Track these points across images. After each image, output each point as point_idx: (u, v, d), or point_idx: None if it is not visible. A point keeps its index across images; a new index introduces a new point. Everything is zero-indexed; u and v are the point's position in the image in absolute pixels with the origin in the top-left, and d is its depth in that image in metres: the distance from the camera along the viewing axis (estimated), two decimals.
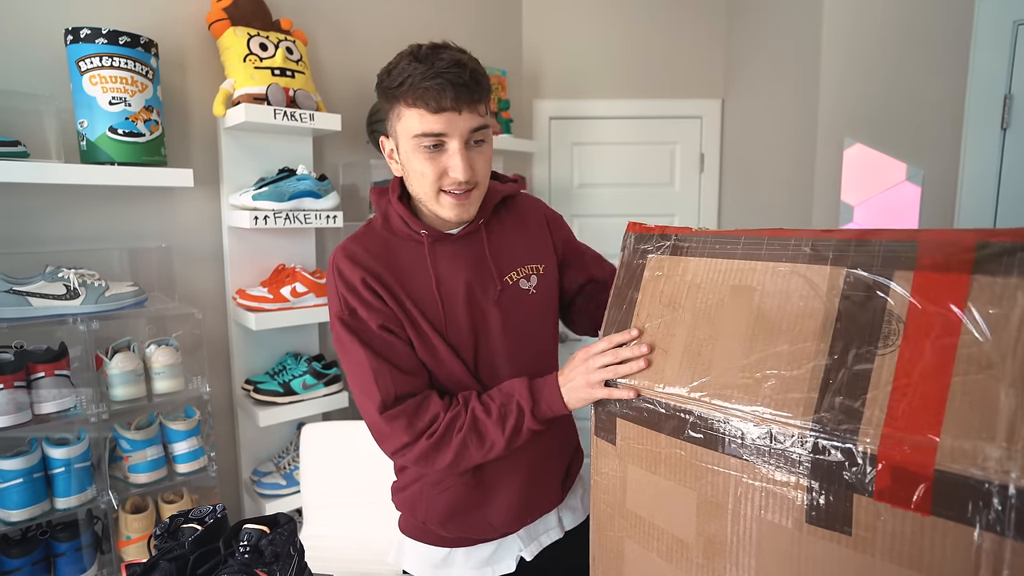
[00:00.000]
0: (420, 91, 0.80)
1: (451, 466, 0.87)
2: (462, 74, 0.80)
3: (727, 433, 0.65)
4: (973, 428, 0.49)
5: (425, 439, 0.85)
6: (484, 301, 0.92)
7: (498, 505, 0.95)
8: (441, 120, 0.81)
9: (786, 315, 0.63)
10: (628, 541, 0.79)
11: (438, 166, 0.84)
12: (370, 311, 0.87)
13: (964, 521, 0.48)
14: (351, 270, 0.88)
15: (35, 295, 1.26)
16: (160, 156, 1.49)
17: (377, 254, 0.90)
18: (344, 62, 1.97)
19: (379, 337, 0.87)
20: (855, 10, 1.76)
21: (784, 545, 0.61)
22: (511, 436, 0.85)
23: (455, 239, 0.93)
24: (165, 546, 0.74)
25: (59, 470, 1.28)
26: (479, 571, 0.98)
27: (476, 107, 0.83)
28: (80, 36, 1.35)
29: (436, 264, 0.91)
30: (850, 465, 0.55)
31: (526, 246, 0.98)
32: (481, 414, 0.86)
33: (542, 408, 0.85)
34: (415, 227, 0.90)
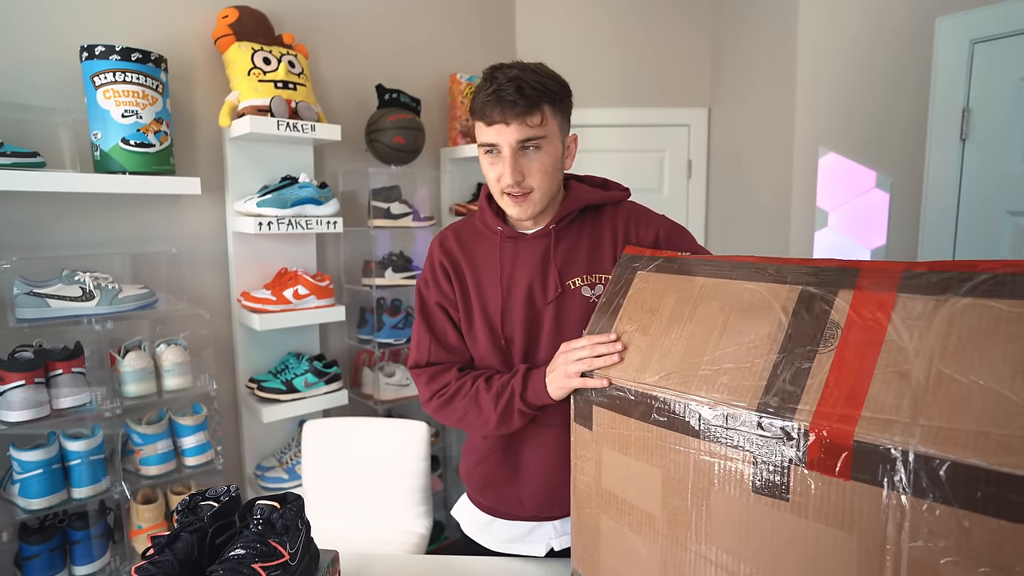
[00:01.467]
0: (480, 107, 0.92)
1: (458, 424, 1.01)
2: (510, 90, 0.89)
3: (687, 416, 0.74)
4: (885, 407, 0.58)
5: (437, 398, 1.01)
6: (541, 300, 0.99)
7: (526, 486, 1.04)
8: (492, 131, 0.92)
9: (747, 322, 0.72)
10: (603, 517, 0.87)
11: (496, 171, 0.95)
12: (436, 288, 1.04)
13: (876, 483, 0.57)
14: (437, 252, 1.05)
15: (53, 297, 1.34)
16: (169, 165, 1.57)
17: (463, 240, 1.05)
18: (343, 74, 2.06)
19: (432, 311, 1.04)
20: (827, 28, 1.86)
21: (735, 513, 0.70)
22: (503, 414, 0.95)
23: (527, 239, 1.01)
24: (186, 520, 0.82)
25: (76, 462, 1.36)
26: (512, 545, 1.08)
27: (525, 119, 0.90)
28: (95, 53, 1.44)
29: (504, 258, 1.01)
30: (788, 440, 0.64)
31: (598, 256, 1.00)
32: (483, 390, 0.97)
33: (529, 395, 0.94)
34: (493, 224, 1.02)
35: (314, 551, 0.90)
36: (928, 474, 0.54)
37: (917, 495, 0.54)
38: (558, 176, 0.98)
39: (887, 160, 1.76)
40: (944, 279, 0.61)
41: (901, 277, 0.64)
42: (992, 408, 0.51)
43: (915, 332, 0.59)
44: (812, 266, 0.72)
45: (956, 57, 1.56)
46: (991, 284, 0.57)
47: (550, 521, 1.07)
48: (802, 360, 0.66)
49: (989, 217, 1.59)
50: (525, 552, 1.08)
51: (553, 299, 0.98)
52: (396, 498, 1.68)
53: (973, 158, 1.57)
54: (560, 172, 0.99)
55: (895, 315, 0.62)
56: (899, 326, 0.61)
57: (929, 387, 0.55)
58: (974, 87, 1.54)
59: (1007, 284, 0.56)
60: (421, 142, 2.04)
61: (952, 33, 1.56)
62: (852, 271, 0.68)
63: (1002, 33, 1.49)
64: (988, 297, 0.56)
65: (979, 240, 1.61)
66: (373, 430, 1.72)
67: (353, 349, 2.15)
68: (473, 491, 1.12)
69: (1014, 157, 1.51)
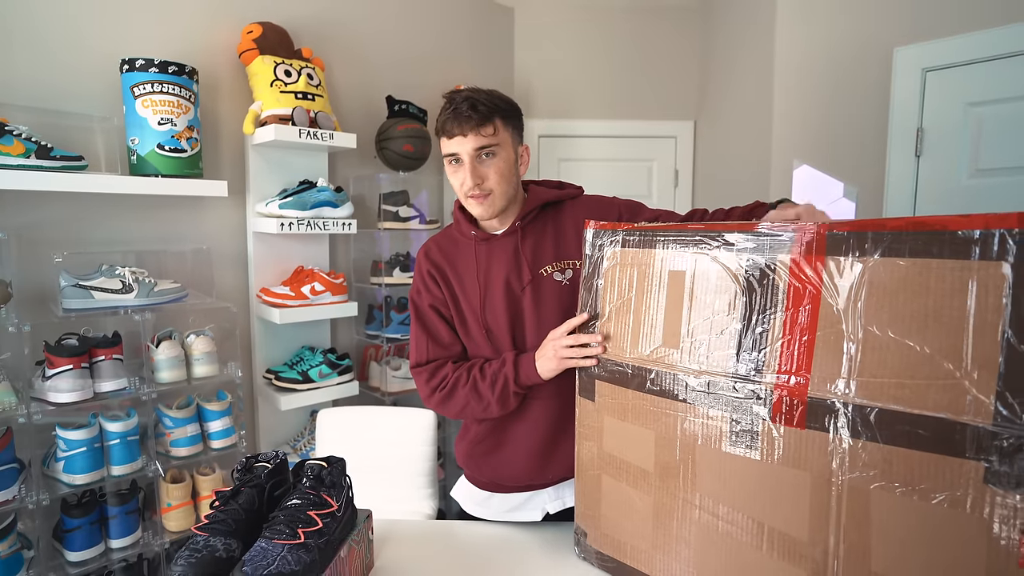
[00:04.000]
0: (442, 124, 1.08)
1: (461, 414, 1.14)
2: (466, 107, 1.04)
3: (676, 385, 0.89)
4: (828, 369, 0.73)
5: (439, 392, 1.13)
6: (517, 288, 1.13)
7: (519, 456, 1.17)
8: (453, 143, 1.07)
9: (708, 292, 0.86)
10: (604, 476, 1.02)
11: (459, 177, 1.09)
12: (428, 293, 1.16)
13: (823, 429, 0.73)
14: (424, 261, 1.17)
15: (97, 289, 1.46)
16: (199, 169, 1.69)
17: (445, 251, 1.18)
18: (356, 86, 2.20)
19: (427, 313, 1.16)
20: (801, 52, 2.05)
21: (714, 462, 0.85)
22: (500, 397, 1.09)
23: (497, 239, 1.15)
24: (245, 478, 0.95)
25: (114, 442, 1.47)
26: (510, 514, 1.21)
27: (479, 130, 1.04)
28: (135, 65, 1.56)
29: (480, 258, 1.15)
30: (757, 399, 0.79)
31: (562, 244, 1.15)
32: (478, 378, 1.11)
33: (522, 378, 1.08)
34: (467, 230, 1.16)
35: (354, 507, 1.04)
36: (862, 419, 0.69)
37: (854, 436, 0.70)
38: (514, 179, 1.11)
39: (853, 173, 1.94)
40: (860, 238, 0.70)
41: (827, 240, 0.73)
42: (904, 360, 0.66)
43: (843, 293, 0.72)
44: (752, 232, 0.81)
45: (911, 83, 1.75)
46: (896, 243, 0.67)
47: (543, 489, 1.20)
48: (759, 327, 0.79)
49: None
50: (522, 519, 1.21)
51: (527, 285, 1.12)
52: (405, 480, 1.81)
53: (927, 173, 1.76)
54: (516, 176, 1.12)
55: (825, 277, 0.73)
56: (830, 287, 0.72)
57: (859, 345, 0.70)
58: (927, 110, 1.73)
59: (908, 242, 0.66)
60: (428, 150, 2.18)
61: (908, 62, 1.75)
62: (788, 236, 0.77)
63: (950, 63, 1.68)
64: (895, 256, 0.67)
65: None
66: (383, 418, 1.84)
67: (361, 344, 2.27)
68: (470, 471, 1.24)
69: (961, 173, 1.70)
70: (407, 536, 1.17)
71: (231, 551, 0.85)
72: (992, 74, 1.62)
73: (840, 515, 0.73)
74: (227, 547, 0.85)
